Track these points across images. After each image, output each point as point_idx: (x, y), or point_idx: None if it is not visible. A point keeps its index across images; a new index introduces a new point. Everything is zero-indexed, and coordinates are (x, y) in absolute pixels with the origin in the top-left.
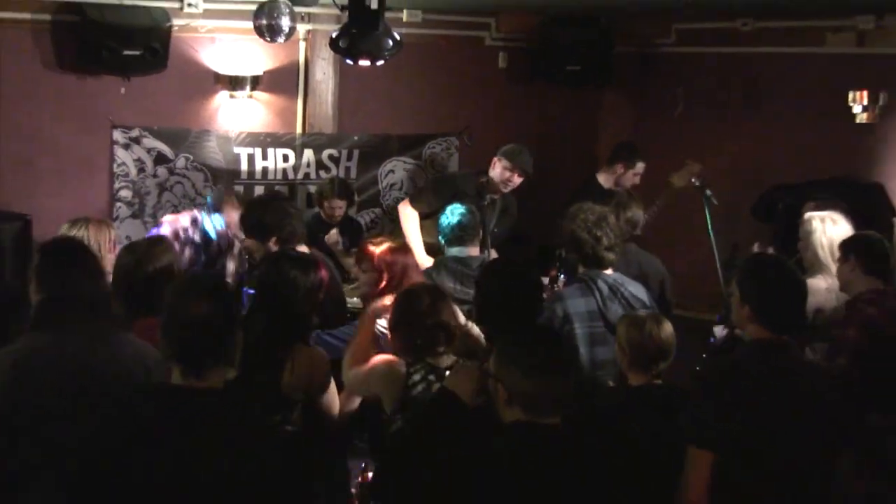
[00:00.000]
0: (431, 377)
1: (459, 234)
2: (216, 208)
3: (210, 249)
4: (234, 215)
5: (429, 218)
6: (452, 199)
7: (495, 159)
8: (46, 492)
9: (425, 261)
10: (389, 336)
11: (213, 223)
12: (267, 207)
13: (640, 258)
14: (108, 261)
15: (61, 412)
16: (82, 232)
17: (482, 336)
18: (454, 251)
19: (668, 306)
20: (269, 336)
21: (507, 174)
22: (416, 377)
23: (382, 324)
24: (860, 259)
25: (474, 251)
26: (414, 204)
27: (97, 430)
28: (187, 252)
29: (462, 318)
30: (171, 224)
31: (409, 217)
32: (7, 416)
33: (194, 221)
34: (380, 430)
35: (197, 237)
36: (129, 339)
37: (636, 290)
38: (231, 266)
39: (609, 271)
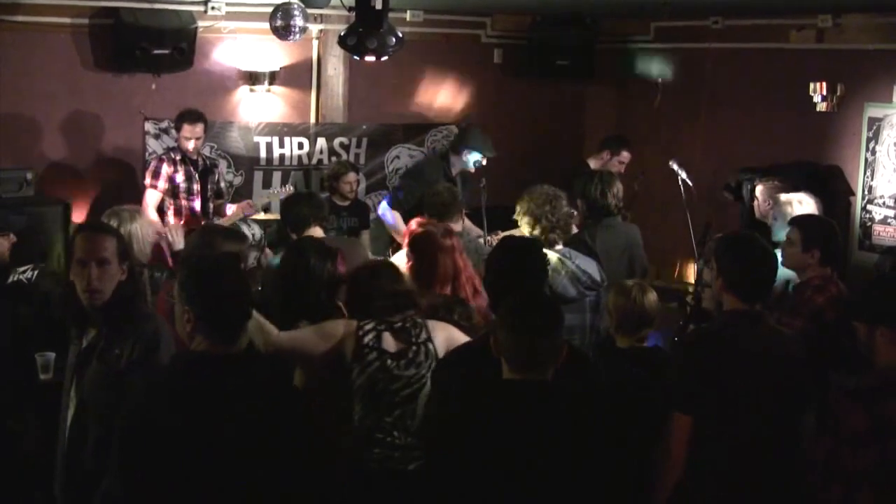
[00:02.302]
0: (381, 327)
1: (441, 209)
2: None
3: None
4: None
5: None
6: (422, 189)
7: (465, 152)
8: None
9: None
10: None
11: None
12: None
13: (625, 230)
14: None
15: None
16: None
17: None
18: None
19: (645, 271)
20: (282, 318)
21: (472, 160)
22: (367, 327)
23: None
24: (824, 253)
25: (455, 227)
26: (394, 206)
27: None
28: None
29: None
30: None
31: (392, 217)
32: None
33: None
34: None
35: None
36: None
37: (585, 264)
38: None
39: (559, 246)
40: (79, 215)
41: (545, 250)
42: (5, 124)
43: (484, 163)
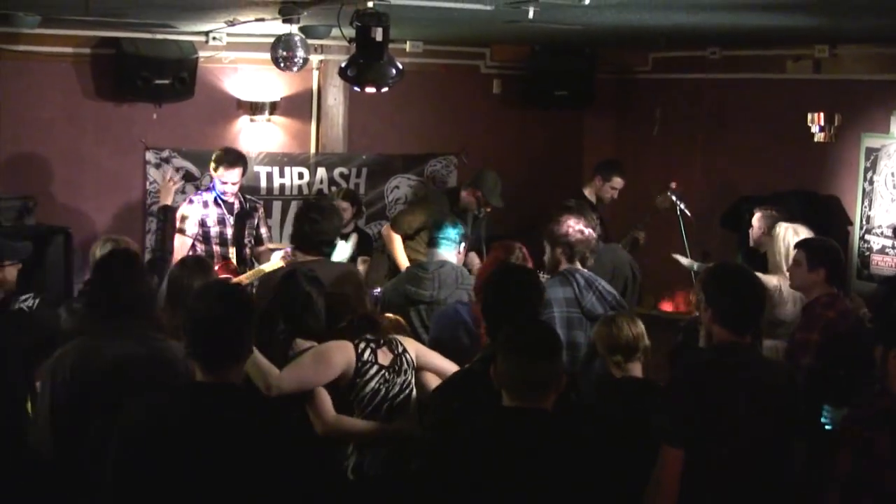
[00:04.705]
0: (372, 344)
1: (432, 237)
2: None
3: None
4: None
5: (412, 238)
6: (428, 219)
7: (470, 191)
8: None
9: None
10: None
11: None
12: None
13: (611, 255)
14: None
15: (107, 407)
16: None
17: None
18: (427, 255)
19: (637, 283)
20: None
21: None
22: (362, 345)
23: None
24: (829, 271)
25: (442, 255)
26: (394, 228)
27: (129, 426)
28: None
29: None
30: None
31: (392, 240)
32: (68, 407)
33: None
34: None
35: None
36: (166, 342)
37: (609, 287)
38: None
39: (585, 270)
40: (80, 242)
41: (578, 270)
42: (7, 153)
43: (487, 210)
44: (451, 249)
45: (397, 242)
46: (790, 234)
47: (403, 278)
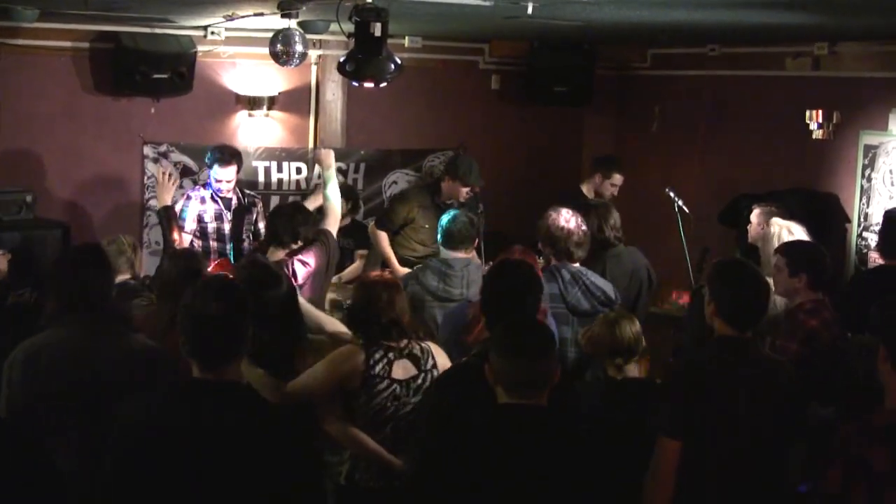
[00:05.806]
0: (391, 355)
1: (448, 236)
2: None
3: None
4: None
5: (398, 234)
6: (409, 215)
7: (447, 179)
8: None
9: (401, 272)
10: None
11: None
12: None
13: (630, 256)
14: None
15: (63, 401)
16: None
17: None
18: (443, 253)
19: (653, 287)
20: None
21: (461, 190)
22: (377, 356)
23: None
24: (811, 277)
25: (462, 255)
26: (379, 226)
27: (127, 424)
28: None
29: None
30: None
31: (379, 237)
32: (20, 403)
33: None
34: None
35: None
36: (136, 338)
37: (600, 282)
38: None
39: (576, 264)
40: (78, 237)
41: (566, 265)
42: (5, 147)
43: (471, 193)
44: (468, 247)
45: (383, 239)
46: (784, 234)
47: (424, 273)
